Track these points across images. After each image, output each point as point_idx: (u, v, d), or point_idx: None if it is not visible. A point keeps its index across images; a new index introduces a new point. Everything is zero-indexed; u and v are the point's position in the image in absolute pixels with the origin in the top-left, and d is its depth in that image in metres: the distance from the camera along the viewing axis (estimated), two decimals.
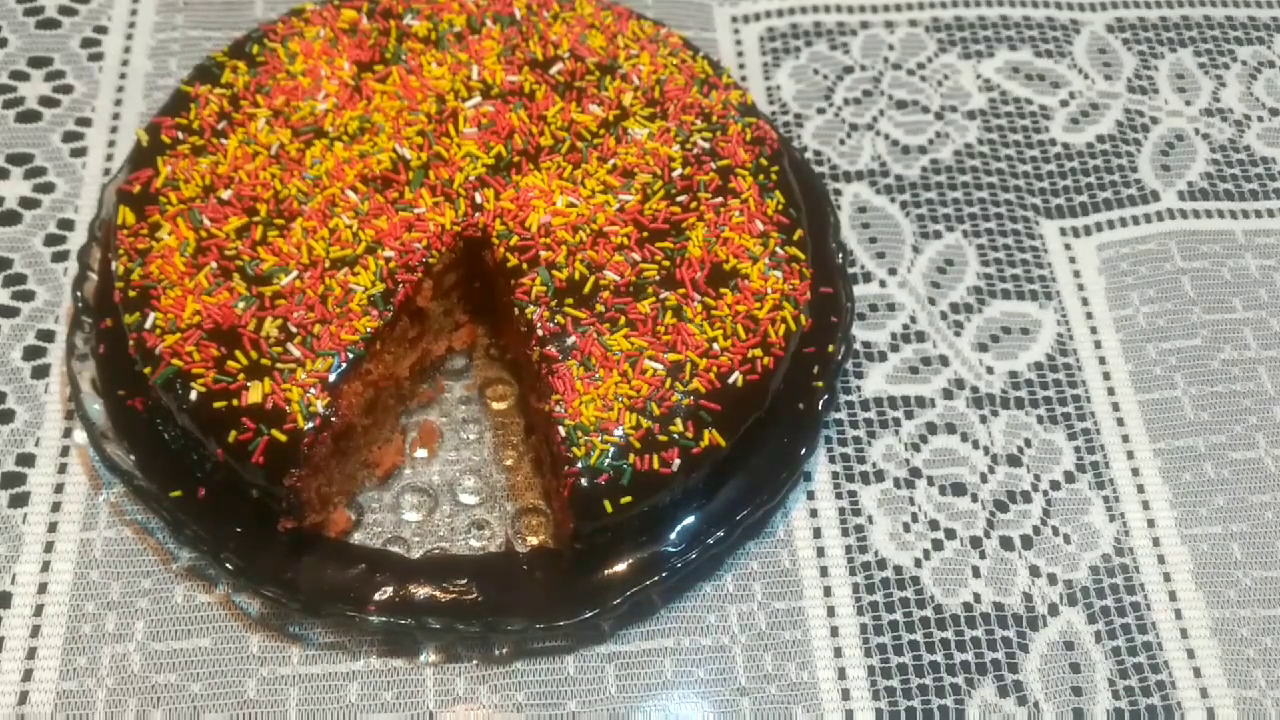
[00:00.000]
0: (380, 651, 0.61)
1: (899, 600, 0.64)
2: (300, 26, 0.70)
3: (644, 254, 0.63)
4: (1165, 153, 0.81)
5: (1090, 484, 0.68)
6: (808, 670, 0.62)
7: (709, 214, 0.65)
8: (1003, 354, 0.72)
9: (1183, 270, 0.76)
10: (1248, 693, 0.62)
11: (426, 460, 0.66)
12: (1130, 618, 0.64)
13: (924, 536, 0.66)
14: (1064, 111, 0.82)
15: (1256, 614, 0.65)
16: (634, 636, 0.62)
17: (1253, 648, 0.64)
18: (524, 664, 0.61)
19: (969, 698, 0.61)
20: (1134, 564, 0.66)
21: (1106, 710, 0.61)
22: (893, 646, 0.63)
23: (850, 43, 0.85)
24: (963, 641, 0.63)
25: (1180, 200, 0.79)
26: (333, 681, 0.60)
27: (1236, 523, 0.67)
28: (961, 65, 0.84)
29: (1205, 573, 0.66)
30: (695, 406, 0.60)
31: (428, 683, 0.61)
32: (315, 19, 0.71)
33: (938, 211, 0.77)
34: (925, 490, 0.67)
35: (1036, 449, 0.69)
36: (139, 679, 0.60)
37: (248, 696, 0.60)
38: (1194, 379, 0.72)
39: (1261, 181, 0.80)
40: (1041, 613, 0.64)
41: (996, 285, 0.75)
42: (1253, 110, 0.83)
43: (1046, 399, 0.70)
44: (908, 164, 0.79)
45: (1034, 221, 0.77)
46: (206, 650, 0.61)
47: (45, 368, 0.69)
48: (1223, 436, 0.70)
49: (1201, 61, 0.86)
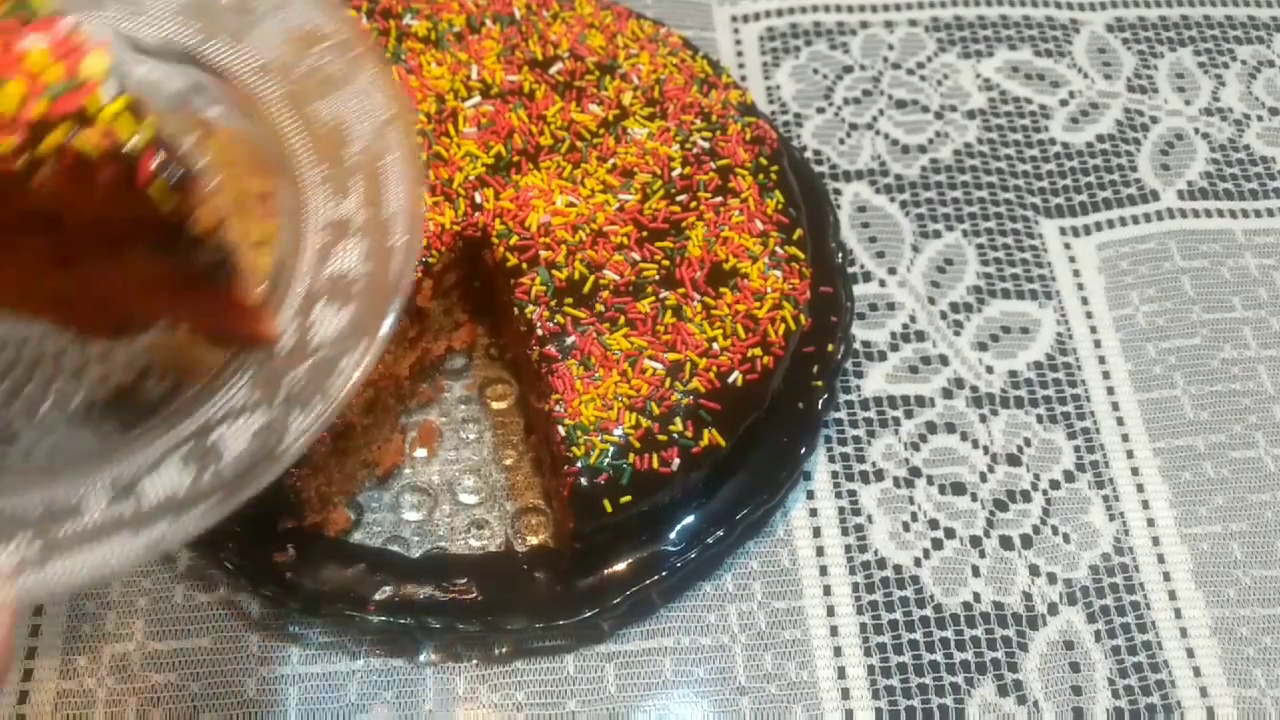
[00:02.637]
0: (380, 651, 0.61)
1: (899, 599, 0.64)
2: None
3: (643, 253, 0.63)
4: (1165, 152, 0.81)
5: (1090, 483, 0.68)
6: (807, 669, 0.62)
7: (709, 213, 0.65)
8: (1002, 353, 0.72)
9: (1182, 269, 0.76)
10: (1247, 692, 0.62)
11: (426, 460, 0.66)
12: (1130, 617, 0.64)
13: (924, 536, 0.66)
14: (1064, 111, 0.82)
15: (1256, 613, 0.65)
16: (634, 636, 0.62)
17: (1252, 647, 0.64)
18: (524, 663, 0.61)
19: (969, 697, 0.61)
20: (1134, 563, 0.66)
21: (1106, 709, 0.61)
22: (892, 646, 0.63)
23: (850, 42, 0.85)
24: (962, 641, 0.63)
25: (1180, 199, 0.79)
26: (332, 681, 0.60)
27: (1236, 522, 0.67)
28: (961, 65, 0.84)
29: (1205, 572, 0.66)
30: (695, 406, 0.60)
31: (427, 682, 0.61)
32: None
33: (937, 211, 0.77)
34: (925, 489, 0.67)
35: (1036, 448, 0.69)
36: (139, 678, 0.60)
37: (247, 696, 0.60)
38: (1194, 378, 0.72)
39: (1261, 181, 0.80)
40: (1041, 612, 0.64)
41: (996, 284, 0.75)
42: (1252, 110, 0.83)
43: (1046, 398, 0.71)
44: (907, 163, 0.79)
45: (1034, 221, 0.77)
46: (206, 650, 0.61)
47: None
48: (1222, 436, 0.70)
49: (1201, 61, 0.86)
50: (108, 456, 0.44)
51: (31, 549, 0.40)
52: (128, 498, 0.42)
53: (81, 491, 0.43)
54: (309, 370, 0.44)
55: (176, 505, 0.41)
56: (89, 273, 0.45)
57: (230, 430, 0.43)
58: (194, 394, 0.45)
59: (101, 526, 0.41)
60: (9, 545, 0.41)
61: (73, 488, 0.43)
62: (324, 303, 0.45)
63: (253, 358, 0.45)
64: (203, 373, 0.46)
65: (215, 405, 0.45)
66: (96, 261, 0.44)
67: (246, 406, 0.44)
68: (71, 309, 0.47)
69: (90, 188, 0.40)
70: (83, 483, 0.43)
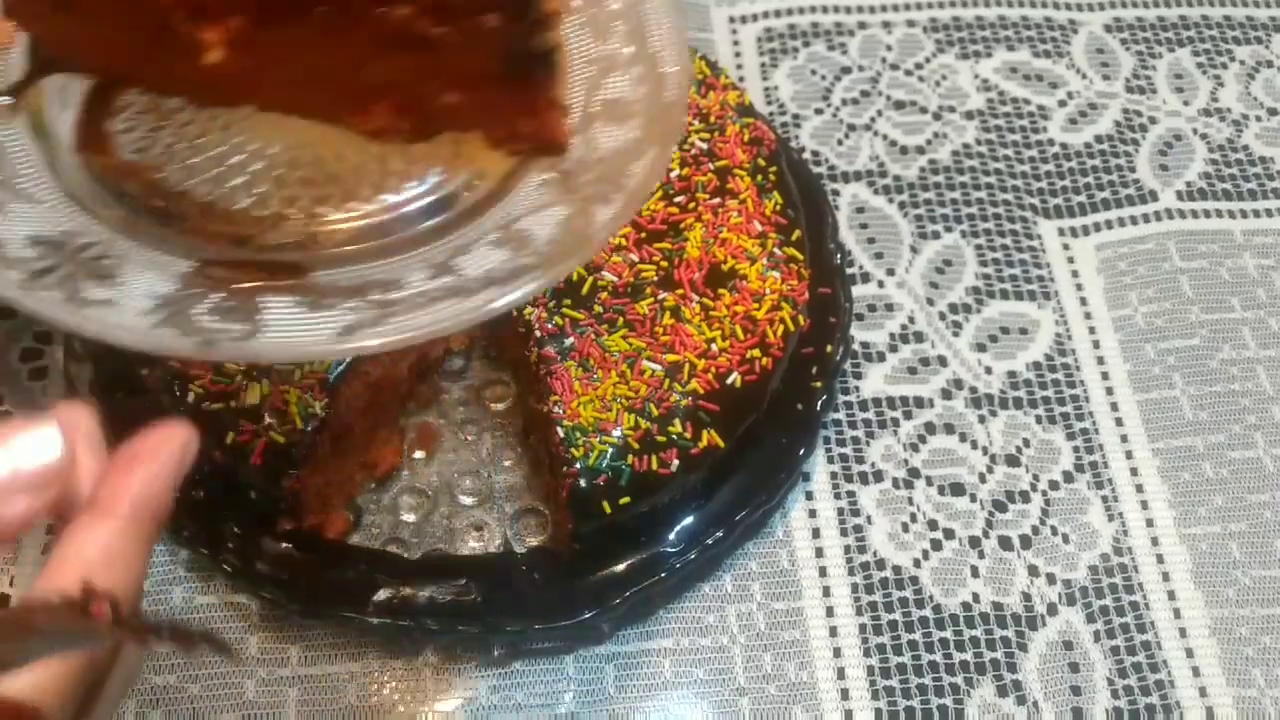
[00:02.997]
0: (379, 653, 0.61)
1: (898, 600, 0.64)
2: None
3: (642, 254, 0.63)
4: (1163, 152, 0.81)
5: (1089, 484, 0.68)
6: (807, 670, 0.62)
7: (707, 214, 0.65)
8: (1001, 354, 0.72)
9: (1181, 270, 0.76)
10: (1247, 692, 0.62)
11: (424, 461, 0.66)
12: (1129, 617, 0.64)
13: (923, 536, 0.66)
14: (1062, 111, 0.82)
15: (1255, 613, 0.65)
16: (633, 637, 0.62)
17: (1251, 647, 0.64)
18: (523, 664, 0.61)
19: (968, 697, 0.61)
20: (1133, 563, 0.66)
21: (1105, 709, 0.61)
22: (892, 646, 0.63)
23: (848, 43, 0.85)
24: (961, 641, 0.63)
25: (1178, 200, 0.79)
26: (332, 682, 0.60)
27: (1235, 522, 0.67)
28: (959, 65, 0.84)
29: (1204, 572, 0.66)
30: (694, 407, 0.60)
31: (427, 683, 0.61)
32: None
33: (935, 212, 0.77)
34: (924, 490, 0.67)
35: (1035, 449, 0.69)
36: (137, 680, 0.60)
37: (246, 698, 0.60)
38: (1192, 379, 0.72)
39: (1260, 181, 0.80)
40: (1040, 612, 0.64)
41: (995, 285, 0.75)
42: (1251, 110, 0.83)
43: (1045, 399, 0.71)
44: (906, 164, 0.79)
45: (1032, 221, 0.77)
46: (205, 651, 0.61)
47: (43, 369, 0.69)
48: (1221, 436, 0.70)
49: (1200, 61, 0.86)
50: (414, 243, 0.45)
51: (364, 312, 0.41)
52: (446, 274, 0.43)
53: (398, 271, 0.43)
54: (598, 174, 0.45)
55: (499, 278, 0.42)
56: (407, 63, 0.45)
57: (534, 220, 0.44)
58: (485, 194, 0.46)
59: (427, 293, 0.42)
60: (341, 306, 0.41)
61: (388, 269, 0.43)
62: (602, 123, 0.47)
63: (538, 164, 0.46)
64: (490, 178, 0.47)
65: (512, 203, 0.46)
66: (419, 49, 0.44)
67: (543, 205, 0.45)
68: (372, 108, 0.47)
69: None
70: (397, 264, 0.43)
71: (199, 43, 0.44)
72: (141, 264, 0.43)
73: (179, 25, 0.44)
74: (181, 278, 0.42)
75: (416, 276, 0.43)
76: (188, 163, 0.47)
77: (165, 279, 0.42)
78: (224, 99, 0.48)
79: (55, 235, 0.43)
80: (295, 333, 0.40)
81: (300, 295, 0.42)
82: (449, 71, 0.45)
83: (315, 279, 0.44)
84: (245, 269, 0.44)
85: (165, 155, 0.47)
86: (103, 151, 0.47)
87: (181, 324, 0.40)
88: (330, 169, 0.47)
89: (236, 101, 0.48)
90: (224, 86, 0.47)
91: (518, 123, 0.47)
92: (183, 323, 0.40)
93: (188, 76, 0.46)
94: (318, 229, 0.46)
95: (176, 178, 0.47)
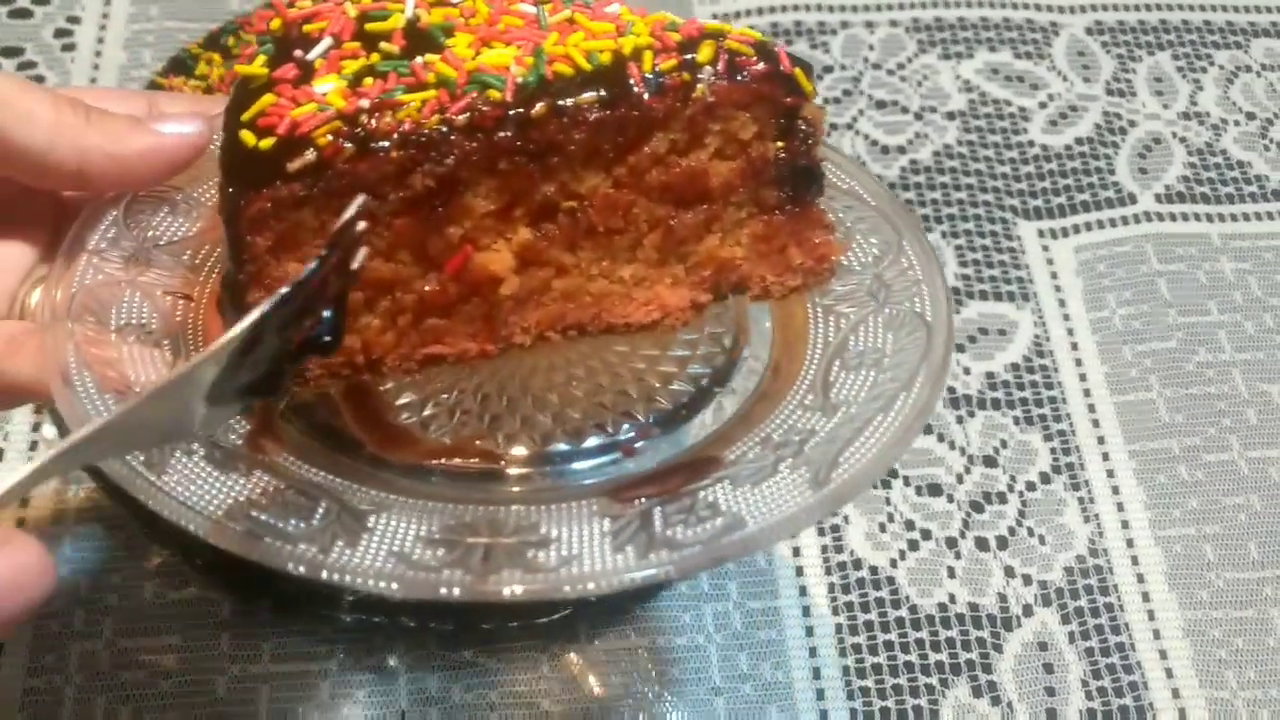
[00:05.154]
0: (352, 650, 0.61)
1: (874, 600, 0.64)
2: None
3: None
4: (1143, 155, 0.81)
5: (1065, 485, 0.68)
6: (783, 670, 0.62)
7: None
8: (979, 355, 0.72)
9: (1159, 273, 0.76)
10: (1219, 693, 0.63)
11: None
12: (1104, 618, 0.64)
13: (900, 537, 0.66)
14: (1043, 113, 0.83)
15: (1228, 615, 0.65)
16: (609, 636, 0.62)
17: (1224, 649, 0.64)
18: (497, 663, 0.61)
19: (943, 698, 0.61)
20: (1108, 565, 0.66)
21: (1079, 710, 0.61)
22: (868, 646, 0.63)
23: (830, 42, 0.85)
24: (937, 641, 0.63)
25: (1157, 203, 0.79)
26: (304, 680, 0.60)
27: (1209, 525, 0.67)
28: (941, 66, 0.84)
29: (1178, 574, 0.66)
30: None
31: (400, 681, 0.60)
32: None
33: (916, 212, 0.77)
34: (901, 490, 0.67)
35: (1012, 450, 0.69)
36: (107, 676, 0.59)
37: (218, 694, 0.59)
38: (1169, 381, 0.72)
39: (1237, 185, 0.80)
40: (1016, 613, 0.64)
41: (974, 286, 0.75)
42: (1229, 114, 0.84)
43: (1023, 400, 0.71)
44: (887, 164, 0.79)
45: (1012, 223, 0.78)
46: (176, 648, 0.60)
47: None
48: (1197, 439, 0.70)
49: (1179, 65, 0.86)
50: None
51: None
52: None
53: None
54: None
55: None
56: (692, 220, 0.44)
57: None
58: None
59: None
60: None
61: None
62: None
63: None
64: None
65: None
66: (701, 199, 0.44)
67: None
68: (657, 288, 0.46)
69: (743, 92, 0.41)
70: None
71: (493, 277, 0.43)
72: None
73: (476, 253, 0.42)
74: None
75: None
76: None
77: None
78: (517, 335, 0.46)
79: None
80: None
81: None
82: (733, 216, 0.45)
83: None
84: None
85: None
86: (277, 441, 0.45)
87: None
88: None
89: (527, 337, 0.46)
90: (518, 317, 0.45)
91: (791, 254, 0.46)
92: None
93: (488, 321, 0.44)
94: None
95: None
